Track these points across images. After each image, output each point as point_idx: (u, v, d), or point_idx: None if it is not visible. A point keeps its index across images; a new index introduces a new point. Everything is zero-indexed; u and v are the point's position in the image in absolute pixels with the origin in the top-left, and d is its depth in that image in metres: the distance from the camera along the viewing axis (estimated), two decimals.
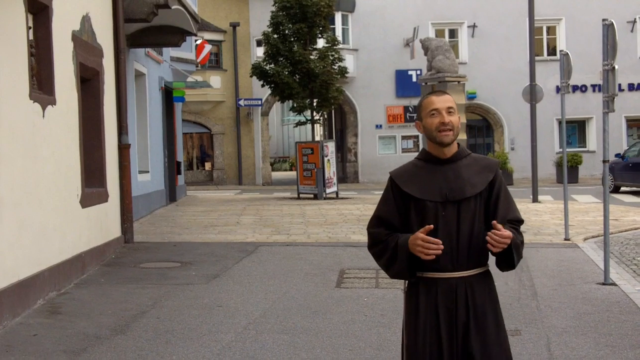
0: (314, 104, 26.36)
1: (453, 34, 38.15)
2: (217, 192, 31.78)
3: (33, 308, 8.75)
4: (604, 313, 8.56)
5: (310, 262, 11.99)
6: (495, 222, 3.82)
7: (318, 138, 35.18)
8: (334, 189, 25.53)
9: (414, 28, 36.10)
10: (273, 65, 25.84)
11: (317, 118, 27.58)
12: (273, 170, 46.17)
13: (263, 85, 26.94)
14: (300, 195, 25.40)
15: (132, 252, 12.87)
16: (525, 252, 4.04)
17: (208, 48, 31.45)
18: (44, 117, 9.48)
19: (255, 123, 37.71)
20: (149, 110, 19.43)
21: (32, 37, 9.48)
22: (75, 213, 10.76)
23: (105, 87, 12.61)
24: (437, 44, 24.79)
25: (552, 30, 38.36)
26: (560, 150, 29.67)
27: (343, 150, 38.62)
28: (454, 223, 3.94)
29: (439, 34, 37.04)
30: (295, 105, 26.60)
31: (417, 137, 36.29)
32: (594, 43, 32.81)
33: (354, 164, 38.07)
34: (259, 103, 37.11)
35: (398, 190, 4.06)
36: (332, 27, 32.62)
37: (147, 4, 14.68)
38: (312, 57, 25.71)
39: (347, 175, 37.83)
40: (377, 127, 37.91)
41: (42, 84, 9.70)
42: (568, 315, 8.47)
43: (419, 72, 35.28)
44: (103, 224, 12.18)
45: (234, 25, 36.98)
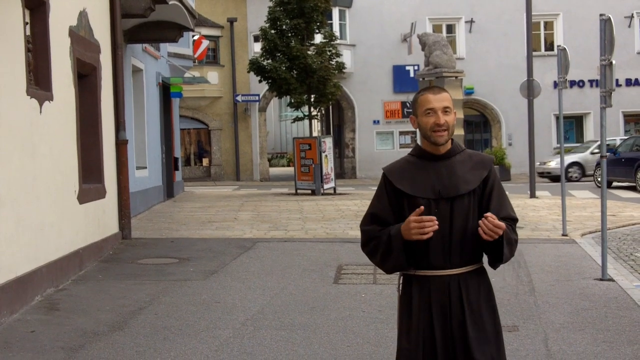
0: (312, 100, 26.34)
1: (450, 30, 38.14)
2: (214, 188, 31.79)
3: (31, 304, 8.74)
4: (602, 309, 8.57)
5: (308, 258, 11.99)
6: (489, 213, 3.74)
7: (316, 134, 35.24)
8: (332, 185, 25.52)
9: (412, 23, 36.09)
10: (270, 61, 25.80)
11: (314, 114, 27.56)
12: (271, 166, 46.13)
13: (260, 81, 26.92)
14: (298, 191, 25.41)
15: (129, 248, 12.86)
16: (523, 247, 4.02)
17: (205, 44, 31.42)
18: (41, 113, 9.47)
19: (253, 119, 37.69)
20: (147, 106, 19.41)
21: (29, 32, 9.46)
22: (73, 209, 10.75)
23: (103, 82, 12.59)
24: (434, 40, 24.77)
25: (549, 26, 38.37)
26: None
27: (341, 146, 38.61)
28: (447, 220, 3.87)
29: (437, 30, 37.03)
30: (293, 101, 26.57)
31: (414, 132, 36.29)
32: (592, 38, 32.77)
33: (352, 160, 38.07)
34: (257, 99, 37.09)
35: (391, 187, 4.00)
36: (329, 22, 32.62)
37: (144, 0, 14.65)
38: (309, 52, 25.67)
39: (344, 171, 37.84)
40: (374, 122, 37.91)
41: (39, 80, 9.68)
42: (566, 311, 8.47)
43: (417, 67, 35.28)
44: (100, 220, 12.17)
45: (232, 21, 36.95)
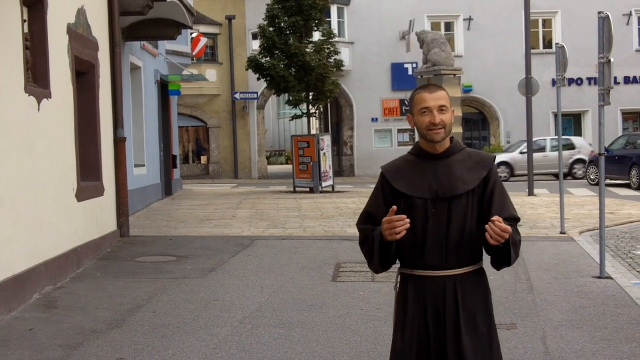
0: (310, 97, 26.32)
1: (449, 27, 38.14)
2: (212, 185, 31.78)
3: (29, 302, 8.74)
4: (600, 306, 8.57)
5: (306, 255, 11.99)
6: (495, 216, 3.67)
7: (314, 131, 35.19)
8: (330, 183, 25.51)
9: (410, 21, 36.08)
10: (269, 59, 25.80)
11: (312, 111, 27.55)
12: (269, 164, 46.18)
13: (259, 79, 26.90)
14: (296, 189, 25.40)
15: (127, 245, 12.86)
16: (521, 245, 3.95)
17: (204, 41, 31.43)
18: (39, 110, 9.46)
19: (251, 116, 37.69)
20: (145, 104, 19.39)
21: (27, 30, 9.45)
22: (71, 207, 10.74)
23: (101, 80, 12.58)
24: (432, 37, 24.72)
25: (547, 23, 38.38)
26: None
27: (339, 144, 38.62)
28: (444, 220, 3.82)
29: (435, 27, 37.02)
30: (291, 99, 26.56)
31: (412, 130, 36.14)
32: (590, 36, 32.72)
33: (350, 158, 38.08)
34: (255, 96, 37.07)
35: (388, 186, 3.97)
36: (327, 20, 32.63)
37: None
38: (307, 50, 25.66)
39: (342, 169, 37.84)
40: (372, 120, 37.92)
41: (37, 78, 9.67)
42: (564, 309, 8.48)
43: (415, 65, 35.26)
44: (99, 218, 12.17)
45: (230, 18, 36.92)
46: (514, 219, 3.90)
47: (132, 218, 15.20)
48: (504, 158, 31.81)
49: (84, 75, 11.99)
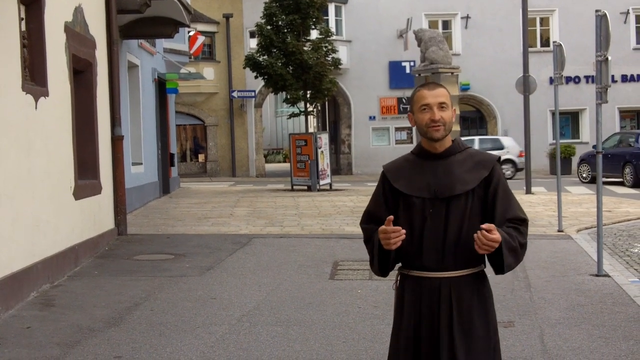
0: (308, 96, 26.33)
1: (446, 25, 38.15)
2: (210, 183, 31.76)
3: (26, 300, 8.73)
4: (597, 304, 8.58)
5: (304, 254, 11.99)
6: (486, 224, 3.61)
7: (311, 130, 35.16)
8: (328, 181, 25.52)
9: (408, 19, 36.09)
10: (266, 57, 25.80)
11: (310, 109, 27.55)
12: (266, 162, 46.14)
13: (256, 77, 26.89)
14: (294, 187, 25.39)
15: (125, 244, 12.85)
16: None
17: (201, 39, 31.40)
18: (37, 108, 9.45)
19: (249, 115, 37.67)
20: (142, 102, 19.38)
21: (24, 28, 9.44)
22: (69, 205, 10.73)
23: (98, 78, 12.56)
24: (430, 35, 24.75)
25: (545, 22, 38.39)
26: (554, 142, 29.71)
27: (336, 142, 38.62)
28: (442, 221, 3.77)
29: (433, 25, 37.01)
30: (289, 97, 26.56)
31: (410, 129, 36.25)
32: (587, 34, 32.79)
33: (348, 156, 38.09)
34: (253, 95, 37.06)
35: (389, 186, 3.94)
36: (325, 18, 32.58)
37: None
38: (305, 48, 25.66)
39: (340, 167, 37.85)
40: (370, 118, 37.92)
41: (34, 76, 9.66)
42: (561, 307, 8.48)
43: (413, 63, 35.26)
44: (96, 216, 12.16)
45: (227, 17, 36.89)
46: (520, 220, 3.84)
47: (129, 216, 15.20)
48: None
49: (82, 74, 11.98)
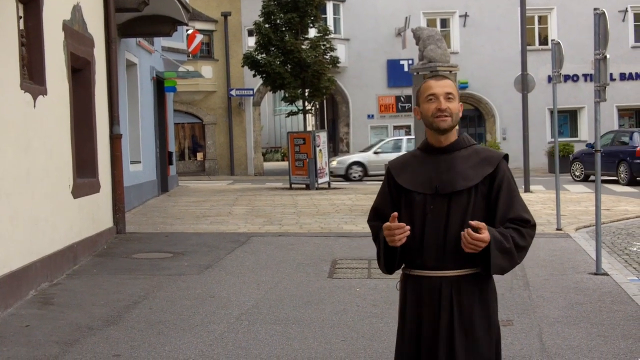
0: (306, 94, 26.33)
1: (445, 24, 38.13)
2: (209, 182, 31.74)
3: (25, 299, 8.73)
4: (596, 303, 8.58)
5: (303, 252, 11.99)
6: (475, 222, 3.54)
7: (310, 128, 35.21)
8: (326, 179, 25.53)
9: (406, 17, 36.08)
10: (265, 55, 25.80)
11: (308, 108, 27.56)
12: (265, 161, 46.11)
13: (255, 75, 26.89)
14: (292, 186, 25.39)
15: (124, 242, 12.85)
16: None
17: (199, 38, 31.34)
18: (35, 107, 9.45)
19: (247, 113, 37.65)
20: (141, 101, 19.37)
21: (22, 27, 9.44)
22: (67, 203, 10.73)
23: (97, 77, 12.56)
24: (428, 34, 24.64)
25: (543, 20, 38.39)
26: (552, 140, 29.75)
27: (335, 140, 38.61)
28: (443, 218, 3.69)
29: (431, 24, 36.97)
30: (287, 95, 26.55)
31: (408, 127, 36.25)
32: (586, 32, 32.81)
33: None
34: (251, 93, 37.03)
35: (393, 181, 3.87)
36: (323, 16, 32.56)
37: None
38: (303, 46, 25.66)
39: None
40: (368, 117, 37.92)
41: (33, 74, 9.65)
42: (560, 305, 8.48)
43: (411, 61, 35.25)
44: (95, 215, 12.16)
45: (226, 15, 36.86)
46: (523, 221, 3.75)
47: (128, 215, 15.19)
48: (358, 158, 31.91)
49: (80, 72, 11.97)
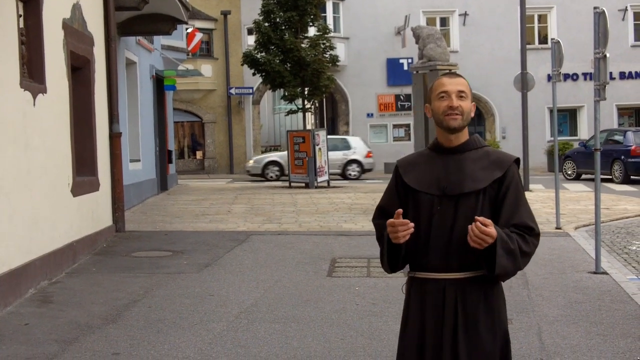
0: (305, 93, 26.31)
1: (444, 22, 38.13)
2: (208, 180, 31.73)
3: (24, 297, 8.73)
4: (596, 302, 8.59)
5: (302, 251, 11.99)
6: (481, 217, 3.46)
7: (309, 127, 35.14)
8: (326, 178, 25.52)
9: (405, 16, 36.06)
10: (264, 54, 25.77)
11: (308, 107, 27.53)
12: None
13: (254, 74, 26.87)
14: (292, 184, 25.39)
15: (123, 241, 12.85)
16: None
17: (199, 36, 31.35)
18: (35, 105, 9.44)
19: (247, 112, 37.64)
20: (140, 99, 19.37)
21: (22, 25, 9.43)
22: (67, 202, 10.73)
23: (96, 75, 12.56)
24: (428, 32, 24.64)
25: (543, 19, 38.38)
26: (552, 139, 29.78)
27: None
28: (450, 220, 3.63)
29: (430, 22, 36.97)
30: (287, 94, 26.53)
31: (408, 125, 36.23)
32: (586, 31, 32.82)
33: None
34: (250, 92, 37.03)
35: (400, 180, 3.81)
36: (323, 15, 32.54)
37: None
38: (303, 45, 25.64)
39: None
40: (368, 115, 37.91)
41: (32, 73, 9.65)
42: (559, 304, 8.49)
43: (411, 60, 35.20)
44: (94, 213, 12.16)
45: (225, 14, 36.85)
46: (527, 228, 3.65)
47: (127, 213, 15.18)
48: (274, 157, 31.86)
49: (80, 71, 11.98)
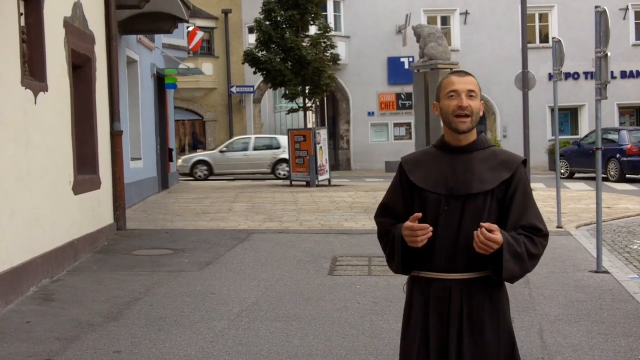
0: (306, 91, 26.31)
1: (445, 21, 38.12)
2: (209, 179, 31.73)
3: (26, 295, 8.73)
4: (597, 301, 8.58)
5: (303, 249, 11.99)
6: (487, 223, 3.46)
7: (310, 125, 35.16)
8: (326, 176, 25.51)
9: (406, 15, 36.05)
10: (265, 52, 25.78)
11: (309, 105, 27.53)
12: None
13: (255, 72, 26.85)
14: (293, 183, 25.39)
15: (124, 239, 12.85)
16: None
17: (200, 35, 31.36)
18: (36, 103, 9.44)
19: (247, 110, 37.66)
20: (141, 97, 19.37)
21: (23, 23, 9.43)
22: (68, 200, 10.73)
23: (97, 73, 12.55)
24: (429, 31, 24.62)
25: (544, 18, 38.36)
26: (553, 138, 29.75)
27: (335, 138, 38.59)
28: (456, 220, 3.60)
29: (431, 21, 37.00)
30: (287, 92, 26.53)
31: (409, 124, 36.22)
32: (587, 30, 32.77)
33: (346, 151, 38.06)
34: (251, 90, 37.04)
35: (405, 178, 3.76)
36: (324, 14, 32.53)
37: None
38: (304, 44, 25.63)
39: (339, 163, 37.80)
40: (369, 114, 37.90)
41: (33, 71, 9.65)
42: (561, 303, 8.48)
43: (411, 59, 35.18)
44: (95, 211, 12.15)
45: (226, 12, 36.87)
46: (535, 230, 3.66)
47: (128, 211, 15.18)
48: (203, 157, 31.88)
49: (81, 69, 11.97)
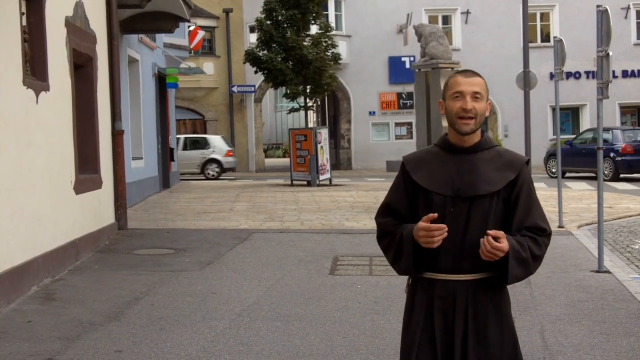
0: (307, 91, 26.31)
1: (446, 21, 38.13)
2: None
3: (27, 294, 8.73)
4: (598, 301, 8.58)
5: (304, 249, 11.99)
6: (494, 231, 3.45)
7: (311, 125, 35.19)
8: (327, 176, 25.51)
9: (407, 14, 36.05)
10: (266, 52, 25.78)
11: (310, 104, 27.54)
12: (266, 157, 46.11)
13: (256, 72, 26.86)
14: (294, 182, 25.39)
15: (125, 238, 12.85)
16: None
17: (201, 34, 31.38)
18: (38, 103, 9.45)
19: (249, 109, 37.66)
20: (142, 97, 19.38)
21: (25, 23, 9.43)
22: (69, 199, 10.73)
23: (99, 73, 12.56)
24: (430, 31, 24.60)
25: (545, 17, 38.36)
26: (554, 137, 29.76)
27: (336, 137, 38.60)
28: (462, 221, 3.57)
29: (433, 20, 37.01)
30: (289, 92, 26.54)
31: (410, 124, 36.21)
32: (588, 29, 32.79)
33: (347, 151, 38.06)
34: (252, 89, 37.04)
35: (408, 178, 3.71)
36: (325, 13, 32.55)
37: None
38: (305, 43, 25.63)
39: (340, 162, 37.82)
40: (370, 113, 37.91)
41: (35, 70, 9.65)
42: (562, 303, 8.48)
43: (413, 58, 35.22)
44: (97, 211, 12.16)
45: (227, 12, 36.87)
46: (539, 230, 3.63)
47: (130, 211, 15.19)
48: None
49: (82, 68, 11.97)
